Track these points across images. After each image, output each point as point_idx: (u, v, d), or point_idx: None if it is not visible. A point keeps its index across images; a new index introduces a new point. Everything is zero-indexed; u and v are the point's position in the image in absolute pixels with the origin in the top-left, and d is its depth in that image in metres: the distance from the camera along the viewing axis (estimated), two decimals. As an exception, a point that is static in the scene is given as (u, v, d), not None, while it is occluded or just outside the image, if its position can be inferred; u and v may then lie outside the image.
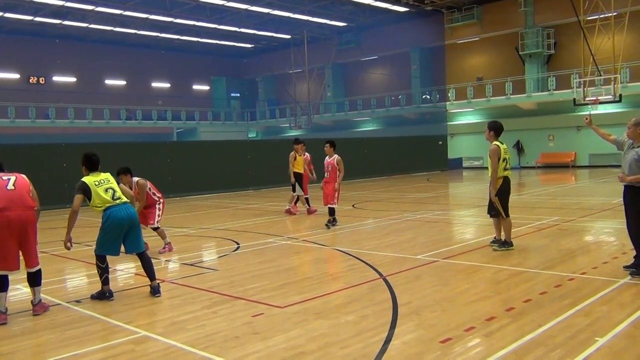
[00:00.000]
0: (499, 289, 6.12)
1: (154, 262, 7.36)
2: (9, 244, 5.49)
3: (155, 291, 6.29)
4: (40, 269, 5.82)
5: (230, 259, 8.54)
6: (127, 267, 8.07)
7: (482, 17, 36.22)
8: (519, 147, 33.67)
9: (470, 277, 6.71)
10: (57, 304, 6.13)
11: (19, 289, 6.79)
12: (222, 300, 6.05)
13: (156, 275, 6.50)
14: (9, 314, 5.64)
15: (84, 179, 6.19)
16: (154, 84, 46.94)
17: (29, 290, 5.94)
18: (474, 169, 34.11)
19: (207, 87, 50.67)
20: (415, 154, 31.01)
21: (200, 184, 21.46)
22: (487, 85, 34.77)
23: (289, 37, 40.86)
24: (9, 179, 5.67)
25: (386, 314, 5.28)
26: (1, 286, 5.53)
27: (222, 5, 33.77)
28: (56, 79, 41.65)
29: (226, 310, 5.66)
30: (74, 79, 42.43)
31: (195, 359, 4.37)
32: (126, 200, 6.33)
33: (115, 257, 6.58)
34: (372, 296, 5.98)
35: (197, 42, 43.41)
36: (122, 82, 45.00)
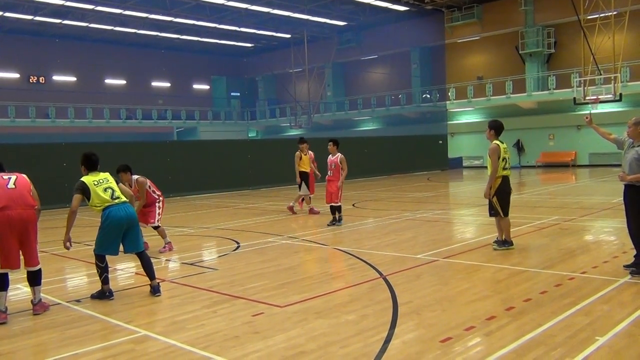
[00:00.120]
0: (499, 289, 6.12)
1: (154, 261, 7.37)
2: (10, 242, 5.50)
3: (155, 290, 6.30)
4: (40, 269, 5.82)
5: (230, 259, 8.54)
6: (127, 267, 8.07)
7: (482, 16, 36.20)
8: (519, 147, 33.67)
9: (470, 277, 6.71)
10: (57, 304, 6.14)
11: (19, 289, 6.79)
12: (222, 299, 6.05)
13: (156, 274, 6.50)
14: (9, 313, 5.64)
15: (83, 178, 6.20)
16: (154, 84, 46.94)
17: (29, 289, 5.94)
18: (474, 168, 34.10)
19: (207, 87, 50.67)
20: (415, 153, 30.99)
21: (200, 183, 21.46)
22: (487, 84, 34.76)
23: (289, 36, 40.85)
24: (9, 178, 5.69)
25: (386, 313, 5.28)
26: (1, 285, 5.53)
27: (222, 4, 33.75)
28: (56, 78, 41.66)
29: (226, 309, 5.66)
30: (74, 79, 42.43)
31: (195, 358, 4.37)
32: (125, 199, 6.33)
33: (115, 256, 6.59)
34: (372, 295, 5.98)
35: (197, 41, 43.41)
36: (122, 82, 45.00)
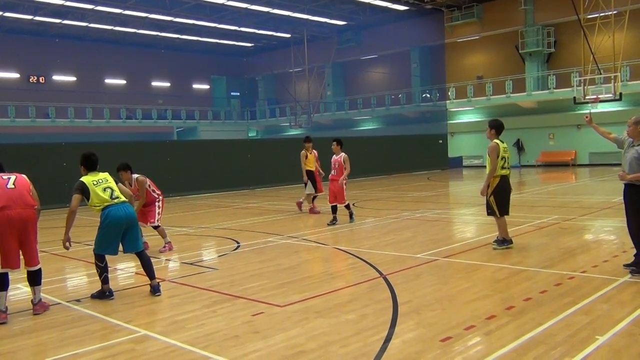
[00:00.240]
0: (499, 288, 6.12)
1: (154, 261, 7.37)
2: (10, 242, 5.51)
3: (155, 290, 6.30)
4: (40, 268, 5.83)
5: (230, 258, 8.54)
6: (127, 267, 8.07)
7: (482, 16, 36.18)
8: (519, 146, 33.65)
9: (470, 276, 6.71)
10: (57, 303, 6.14)
11: (19, 288, 6.80)
12: (222, 299, 6.05)
13: (156, 274, 6.50)
14: (9, 313, 5.64)
15: (82, 178, 6.21)
16: (154, 83, 46.94)
17: (29, 289, 5.94)
18: (474, 167, 34.09)
19: (207, 86, 50.66)
20: (415, 153, 30.98)
21: (200, 183, 21.47)
22: (487, 83, 34.75)
23: (289, 36, 40.85)
24: (9, 178, 5.71)
25: (386, 312, 5.28)
26: (1, 285, 5.53)
27: (222, 4, 33.73)
28: (56, 78, 41.64)
29: (226, 309, 5.66)
30: (74, 78, 42.42)
31: (195, 358, 4.37)
32: (125, 199, 6.33)
33: (115, 256, 6.60)
34: (372, 295, 5.98)
35: (197, 41, 43.40)
36: (122, 82, 44.99)
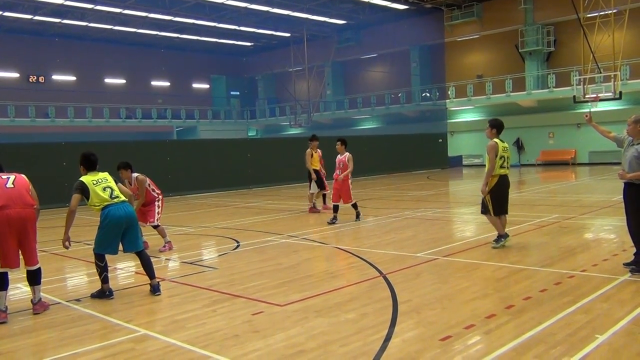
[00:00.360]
0: (498, 287, 6.12)
1: (154, 260, 7.37)
2: (9, 242, 5.51)
3: (155, 290, 6.30)
4: (40, 268, 5.83)
5: (230, 258, 8.54)
6: (127, 266, 8.07)
7: (482, 15, 36.18)
8: (519, 145, 33.65)
9: (470, 275, 6.71)
10: (57, 303, 6.14)
11: (19, 288, 6.80)
12: (222, 298, 6.05)
13: (156, 273, 6.50)
14: (9, 312, 5.64)
15: (82, 178, 6.21)
16: (154, 83, 46.92)
17: (28, 289, 5.95)
18: (474, 166, 34.10)
19: (206, 86, 50.65)
20: (415, 152, 30.98)
21: (200, 182, 21.46)
22: (487, 82, 34.74)
23: (288, 35, 40.83)
24: (8, 178, 5.72)
25: (386, 312, 5.28)
26: (1, 284, 5.53)
27: (222, 3, 33.72)
28: (56, 77, 41.63)
29: (226, 308, 5.66)
30: (73, 78, 42.40)
31: (195, 357, 4.37)
32: (124, 199, 6.33)
33: (115, 255, 6.60)
34: (372, 294, 5.98)
35: (197, 40, 43.39)
36: (122, 81, 44.98)
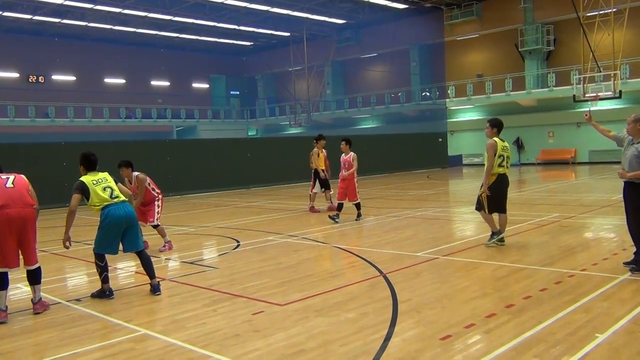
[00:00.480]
0: (498, 286, 6.13)
1: (154, 260, 7.37)
2: (9, 241, 5.52)
3: (155, 289, 6.30)
4: (39, 267, 5.83)
5: (230, 257, 8.54)
6: (127, 266, 8.07)
7: (481, 14, 36.18)
8: (519, 144, 33.64)
9: (470, 274, 6.71)
10: (57, 303, 6.14)
11: (19, 288, 6.80)
12: (222, 298, 6.05)
13: (156, 273, 6.49)
14: (10, 312, 5.64)
15: (82, 178, 6.21)
16: (154, 83, 46.92)
17: (29, 289, 5.95)
18: (474, 166, 34.09)
19: (206, 85, 50.65)
20: (415, 151, 30.97)
21: (200, 182, 21.46)
22: (486, 82, 34.74)
23: (288, 34, 40.82)
24: (7, 178, 5.73)
25: (386, 311, 5.28)
26: (1, 284, 5.54)
27: (222, 3, 33.73)
28: (55, 77, 41.62)
29: (226, 308, 5.66)
30: (73, 78, 42.40)
31: (195, 357, 4.37)
32: (124, 199, 6.33)
33: (115, 255, 6.60)
34: (372, 293, 5.98)
35: (197, 40, 43.39)
36: (122, 81, 44.98)
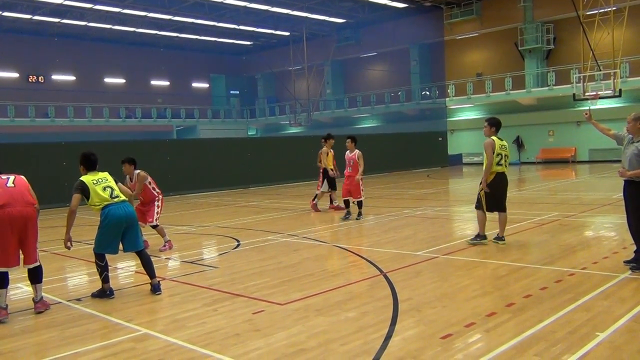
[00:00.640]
0: (499, 285, 6.13)
1: (155, 260, 7.37)
2: (10, 240, 5.53)
3: (155, 289, 6.30)
4: (40, 265, 5.83)
5: (230, 257, 8.54)
6: (128, 265, 8.07)
7: (481, 13, 36.15)
8: (519, 143, 33.63)
9: (470, 273, 6.71)
10: (58, 302, 6.14)
11: (20, 288, 6.80)
12: (222, 297, 6.05)
13: (156, 273, 6.50)
14: (10, 312, 5.64)
15: (82, 178, 6.22)
16: (153, 82, 46.89)
17: (29, 288, 5.95)
18: (474, 165, 34.07)
19: (206, 85, 50.62)
20: (415, 151, 30.96)
21: (200, 181, 21.46)
22: (486, 81, 34.72)
23: (288, 34, 40.80)
24: (8, 178, 5.76)
25: (386, 310, 5.28)
26: (1, 283, 5.55)
27: (221, 2, 33.71)
28: (55, 77, 41.60)
29: (227, 307, 5.66)
30: (73, 78, 42.38)
31: (195, 356, 4.37)
32: (124, 198, 6.33)
33: (116, 255, 6.60)
34: (372, 293, 5.98)
35: (196, 39, 43.36)
36: (122, 81, 44.95)
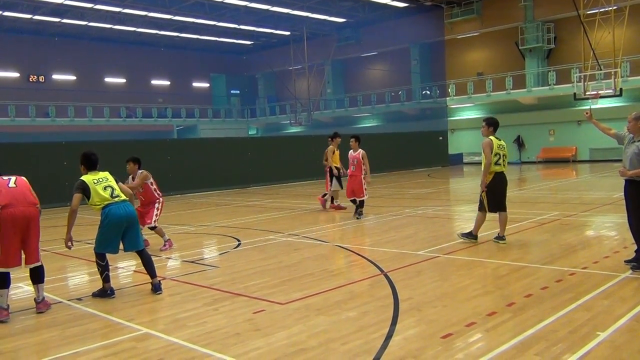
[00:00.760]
0: (499, 284, 6.13)
1: (155, 259, 7.36)
2: (13, 240, 5.54)
3: (156, 288, 6.31)
4: (42, 265, 5.84)
5: (231, 256, 8.55)
6: (128, 265, 8.08)
7: (481, 12, 36.14)
8: (520, 142, 33.63)
9: (471, 273, 6.71)
10: (59, 302, 6.14)
11: (21, 287, 6.80)
12: (223, 297, 6.05)
13: (157, 272, 6.50)
14: (11, 312, 5.65)
15: (82, 177, 6.22)
16: (154, 82, 46.90)
17: (30, 288, 5.96)
18: (474, 164, 34.05)
19: (206, 84, 50.63)
20: (415, 150, 30.95)
21: (200, 181, 21.47)
22: (487, 80, 34.72)
23: (288, 33, 40.78)
24: (9, 178, 5.77)
25: (387, 309, 5.28)
26: (3, 283, 5.55)
27: (222, 1, 33.71)
28: (56, 77, 41.62)
29: (227, 307, 5.67)
30: (73, 77, 42.39)
31: (196, 356, 4.38)
32: (125, 198, 6.34)
33: (116, 254, 6.60)
34: (373, 292, 5.98)
35: (197, 39, 43.37)
36: (122, 80, 44.97)
